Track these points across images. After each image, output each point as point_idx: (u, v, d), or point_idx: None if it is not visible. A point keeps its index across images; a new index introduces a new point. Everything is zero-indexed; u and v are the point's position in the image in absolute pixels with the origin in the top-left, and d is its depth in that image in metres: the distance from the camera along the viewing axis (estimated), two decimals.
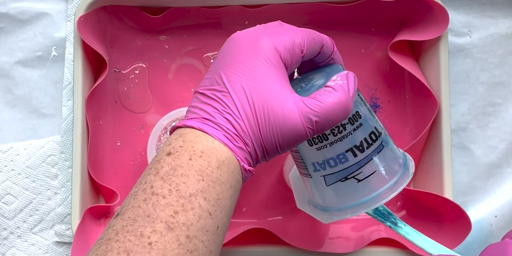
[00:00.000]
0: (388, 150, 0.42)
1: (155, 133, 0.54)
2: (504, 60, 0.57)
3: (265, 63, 0.37)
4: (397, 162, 0.43)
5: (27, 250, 0.57)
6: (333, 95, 0.37)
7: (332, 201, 0.43)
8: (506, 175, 0.57)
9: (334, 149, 0.40)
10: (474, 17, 0.57)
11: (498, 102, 0.58)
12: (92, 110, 0.54)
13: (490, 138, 0.58)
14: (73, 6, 0.57)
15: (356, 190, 0.41)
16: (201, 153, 0.36)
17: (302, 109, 0.36)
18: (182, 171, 0.35)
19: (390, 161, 0.42)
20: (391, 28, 0.57)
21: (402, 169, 0.42)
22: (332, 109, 0.36)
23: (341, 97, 0.37)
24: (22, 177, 0.57)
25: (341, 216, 0.42)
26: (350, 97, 0.37)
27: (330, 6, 0.55)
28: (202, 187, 0.34)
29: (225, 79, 0.37)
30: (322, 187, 0.43)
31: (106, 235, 0.34)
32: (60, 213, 0.57)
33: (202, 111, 0.37)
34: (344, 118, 0.37)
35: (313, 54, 0.39)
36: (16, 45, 0.58)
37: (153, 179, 0.35)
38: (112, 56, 0.57)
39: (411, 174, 0.42)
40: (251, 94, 0.36)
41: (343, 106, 0.37)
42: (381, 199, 0.41)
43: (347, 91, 0.37)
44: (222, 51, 0.39)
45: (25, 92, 0.58)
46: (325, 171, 0.41)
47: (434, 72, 0.54)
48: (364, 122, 0.41)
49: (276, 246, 0.54)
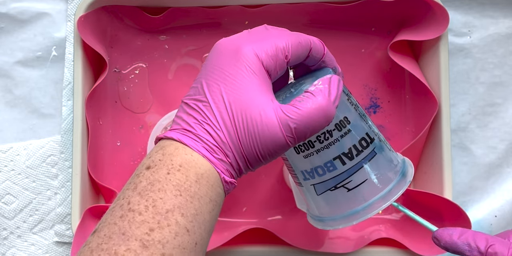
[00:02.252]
0: (381, 157, 0.40)
1: (155, 133, 0.54)
2: (504, 60, 0.57)
3: (245, 71, 0.36)
4: (392, 169, 0.41)
5: (27, 250, 0.57)
6: (312, 100, 0.36)
7: (325, 210, 0.41)
8: (506, 175, 0.57)
9: (321, 157, 0.39)
10: (474, 17, 0.58)
11: (498, 102, 0.58)
12: (92, 110, 0.54)
13: (490, 138, 0.58)
14: (73, 6, 0.57)
15: (348, 199, 0.40)
16: (179, 167, 0.35)
17: (281, 116, 0.35)
18: (159, 186, 0.34)
19: (384, 169, 0.40)
20: (391, 28, 0.57)
21: (397, 176, 0.41)
22: (311, 115, 0.36)
23: (321, 102, 0.36)
24: (22, 177, 0.57)
25: (334, 226, 0.41)
26: (330, 102, 0.36)
27: (330, 6, 0.55)
28: (180, 203, 0.34)
29: (206, 88, 0.36)
30: (313, 196, 0.41)
31: (81, 253, 0.33)
32: (60, 213, 0.57)
33: (184, 122, 0.37)
34: (326, 124, 0.36)
35: (300, 58, 0.38)
36: (16, 45, 0.58)
37: (131, 194, 0.34)
38: (112, 56, 0.57)
39: (409, 182, 0.41)
40: (230, 103, 0.36)
41: (323, 111, 0.36)
42: (373, 209, 0.40)
43: (327, 96, 0.36)
44: (207, 58, 0.38)
45: (25, 92, 0.58)
46: (314, 180, 0.40)
47: (434, 72, 0.54)
48: (354, 128, 0.39)
49: (276, 246, 0.54)
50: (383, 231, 0.55)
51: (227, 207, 0.57)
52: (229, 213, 0.57)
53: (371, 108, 0.57)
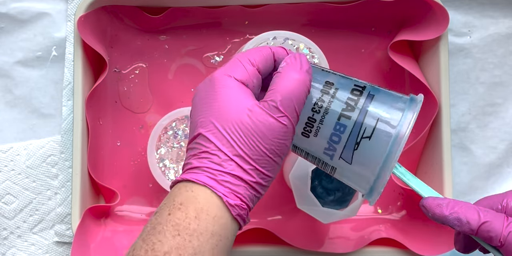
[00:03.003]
0: (381, 95, 0.40)
1: (155, 133, 0.54)
2: (504, 60, 0.57)
3: (222, 90, 0.37)
4: (400, 100, 0.39)
5: (27, 250, 0.57)
6: (281, 75, 0.37)
7: (370, 173, 0.39)
8: (506, 175, 0.57)
9: (327, 125, 0.39)
10: (474, 17, 0.57)
11: (498, 102, 0.58)
12: (92, 110, 0.54)
13: (490, 138, 0.58)
14: (73, 6, 0.57)
15: (376, 147, 0.38)
16: (180, 205, 0.35)
17: (263, 105, 0.36)
18: (159, 229, 0.34)
19: (390, 103, 0.39)
20: (391, 28, 0.57)
21: (408, 102, 0.39)
22: (287, 87, 0.36)
23: (289, 74, 0.37)
24: (22, 177, 0.57)
25: (387, 172, 0.39)
26: (298, 69, 0.37)
27: (330, 6, 0.55)
28: (178, 243, 0.34)
29: (198, 124, 0.37)
30: (351, 169, 0.40)
31: None
32: (60, 213, 0.57)
33: (189, 164, 0.37)
34: (305, 88, 0.37)
35: (268, 63, 0.39)
36: (16, 45, 0.58)
37: (137, 241, 0.35)
38: (112, 56, 0.57)
39: (420, 101, 0.39)
40: (221, 124, 0.36)
41: (294, 79, 0.37)
42: (402, 133, 0.38)
43: (293, 66, 0.37)
44: (194, 96, 0.39)
45: (25, 92, 0.58)
46: (338, 151, 0.39)
47: (434, 72, 0.54)
48: (340, 85, 0.40)
49: (276, 246, 0.54)
50: (383, 231, 0.55)
51: None
52: None
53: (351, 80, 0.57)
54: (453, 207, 0.37)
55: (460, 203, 0.37)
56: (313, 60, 0.52)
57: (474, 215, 0.36)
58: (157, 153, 0.54)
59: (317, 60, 0.52)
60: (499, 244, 0.36)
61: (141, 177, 0.57)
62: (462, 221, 0.36)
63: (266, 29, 0.52)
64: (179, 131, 0.54)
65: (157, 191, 0.57)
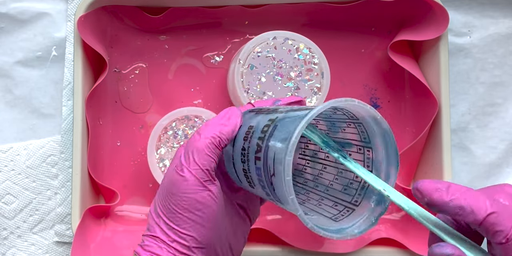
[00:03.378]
0: (284, 123, 0.35)
1: (155, 133, 0.54)
2: (504, 60, 0.57)
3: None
4: (296, 120, 0.34)
5: (27, 250, 0.57)
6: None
7: (290, 208, 0.37)
8: (506, 175, 0.57)
9: (252, 172, 0.37)
10: (474, 17, 0.58)
11: (498, 102, 0.58)
12: (92, 110, 0.54)
13: (490, 138, 0.58)
14: (73, 6, 0.57)
15: (279, 181, 0.35)
16: None
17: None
18: None
19: (287, 129, 0.34)
20: (391, 28, 0.57)
21: (301, 120, 0.34)
22: (189, 141, 0.38)
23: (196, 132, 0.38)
24: (22, 177, 0.57)
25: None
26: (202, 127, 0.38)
27: (330, 6, 0.55)
28: None
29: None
30: (286, 208, 0.37)
31: None
32: (60, 213, 0.57)
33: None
34: (208, 142, 0.37)
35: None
36: (16, 45, 0.58)
37: None
38: (112, 56, 0.57)
39: (316, 111, 0.33)
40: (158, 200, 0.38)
41: (194, 134, 0.38)
42: (288, 160, 0.33)
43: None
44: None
45: (25, 92, 0.58)
46: (271, 195, 0.37)
47: (434, 72, 0.54)
48: (256, 126, 0.37)
49: (276, 246, 0.54)
50: (383, 231, 0.55)
51: None
52: None
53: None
54: (454, 193, 0.31)
55: (462, 188, 0.31)
56: (313, 60, 0.52)
57: (480, 203, 0.31)
58: (157, 153, 0.54)
59: (317, 60, 0.52)
60: (504, 241, 0.30)
61: (141, 177, 0.57)
62: (465, 209, 0.31)
63: (266, 29, 0.52)
64: (179, 131, 0.54)
65: None
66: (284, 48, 0.51)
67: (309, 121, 0.32)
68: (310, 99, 0.51)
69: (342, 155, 0.38)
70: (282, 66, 0.51)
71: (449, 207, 0.31)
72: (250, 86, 0.51)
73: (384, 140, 0.37)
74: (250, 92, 0.51)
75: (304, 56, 0.52)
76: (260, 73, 0.51)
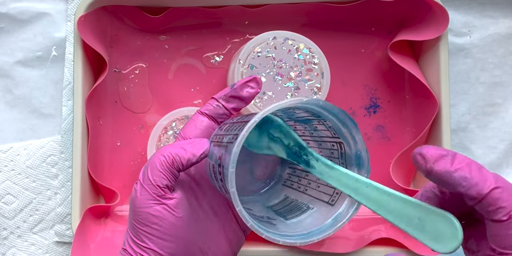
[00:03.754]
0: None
1: (155, 133, 0.54)
2: (504, 60, 0.57)
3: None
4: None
5: (27, 250, 0.57)
6: None
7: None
8: (506, 175, 0.57)
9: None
10: (474, 17, 0.58)
11: (498, 102, 0.58)
12: (92, 110, 0.54)
13: (490, 138, 0.58)
14: (73, 6, 0.57)
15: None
16: None
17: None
18: None
19: None
20: (391, 28, 0.57)
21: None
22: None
23: None
24: (22, 177, 0.57)
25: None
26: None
27: (330, 6, 0.55)
28: None
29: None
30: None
31: None
32: (60, 213, 0.57)
33: None
34: (160, 159, 0.38)
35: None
36: (16, 45, 0.58)
37: None
38: (112, 56, 0.57)
39: (253, 122, 0.33)
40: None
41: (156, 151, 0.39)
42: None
43: None
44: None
45: (25, 92, 0.58)
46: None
47: (434, 72, 0.54)
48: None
49: (276, 246, 0.54)
50: (383, 231, 0.55)
51: None
52: None
53: (371, 108, 0.57)
54: (460, 162, 0.29)
55: (467, 159, 0.30)
56: (313, 60, 0.52)
57: (486, 177, 0.29)
58: None
59: (317, 60, 0.52)
60: (505, 218, 0.29)
61: None
62: (470, 181, 0.29)
63: (266, 29, 0.52)
64: (179, 131, 0.54)
65: None
66: (284, 48, 0.51)
67: (249, 128, 0.33)
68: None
69: (305, 161, 0.37)
70: (282, 66, 0.51)
71: (452, 177, 0.29)
72: None
73: (344, 125, 0.36)
74: None
75: (304, 56, 0.52)
76: (260, 73, 0.51)
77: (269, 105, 0.34)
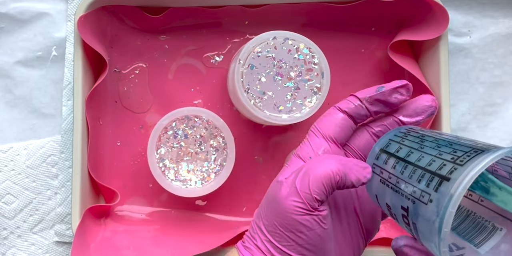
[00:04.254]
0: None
1: (155, 133, 0.54)
2: (504, 60, 0.58)
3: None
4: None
5: (27, 250, 0.57)
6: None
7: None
8: None
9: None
10: (474, 17, 0.58)
11: (498, 102, 0.58)
12: (92, 110, 0.54)
13: (490, 138, 0.58)
14: (73, 6, 0.57)
15: None
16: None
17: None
18: None
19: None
20: (391, 28, 0.57)
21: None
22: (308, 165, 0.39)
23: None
24: (22, 177, 0.57)
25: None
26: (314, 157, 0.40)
27: (330, 6, 0.55)
28: None
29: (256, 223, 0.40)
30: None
31: None
32: (60, 213, 0.57)
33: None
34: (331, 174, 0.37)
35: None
36: (16, 45, 0.58)
37: None
38: (112, 56, 0.57)
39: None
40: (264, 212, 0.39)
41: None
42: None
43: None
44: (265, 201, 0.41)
45: (25, 92, 0.58)
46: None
47: (434, 72, 0.54)
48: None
49: None
50: (383, 231, 0.55)
51: (227, 206, 0.57)
52: (229, 212, 0.57)
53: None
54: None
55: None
56: (313, 60, 0.52)
57: None
58: (157, 153, 0.54)
59: (317, 60, 0.52)
60: None
61: (141, 177, 0.57)
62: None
63: (266, 29, 0.52)
64: (179, 131, 0.54)
65: (157, 191, 0.57)
66: (284, 48, 0.51)
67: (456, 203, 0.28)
68: (310, 99, 0.51)
69: (482, 187, 0.33)
70: (282, 66, 0.51)
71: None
72: (250, 86, 0.51)
73: None
74: (250, 92, 0.51)
75: (304, 56, 0.52)
76: (260, 73, 0.51)
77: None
